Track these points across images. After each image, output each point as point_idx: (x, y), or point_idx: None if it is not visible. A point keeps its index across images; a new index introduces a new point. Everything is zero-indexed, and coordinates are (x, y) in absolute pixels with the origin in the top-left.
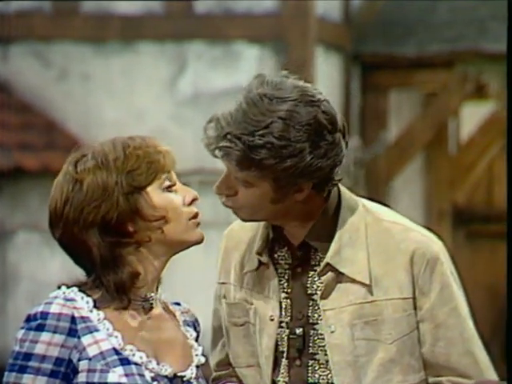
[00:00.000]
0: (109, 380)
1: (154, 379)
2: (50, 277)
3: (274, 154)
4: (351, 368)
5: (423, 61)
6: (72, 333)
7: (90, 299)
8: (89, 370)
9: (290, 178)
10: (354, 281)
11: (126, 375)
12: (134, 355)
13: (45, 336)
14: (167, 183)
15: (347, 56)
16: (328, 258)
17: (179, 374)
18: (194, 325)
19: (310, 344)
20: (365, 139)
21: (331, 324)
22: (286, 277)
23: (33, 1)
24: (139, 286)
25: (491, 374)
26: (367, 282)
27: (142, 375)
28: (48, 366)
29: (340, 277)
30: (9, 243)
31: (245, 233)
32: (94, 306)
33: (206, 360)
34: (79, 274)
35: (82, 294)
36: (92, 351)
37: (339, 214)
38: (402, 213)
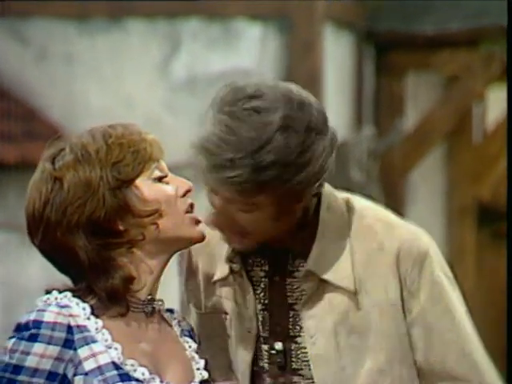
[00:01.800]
0: None
1: None
2: (29, 282)
3: (283, 171)
4: (337, 382)
5: (444, 39)
6: (68, 344)
7: (86, 305)
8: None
9: (297, 192)
10: (337, 287)
11: None
12: (135, 371)
13: (37, 347)
14: (157, 173)
15: (359, 35)
16: (310, 265)
17: None
18: (191, 334)
19: (293, 359)
20: (379, 128)
21: (313, 334)
22: (263, 285)
23: None
24: (137, 289)
25: (492, 375)
26: (352, 288)
27: None
28: (39, 381)
29: (323, 284)
30: None
31: (211, 234)
32: (92, 313)
33: (209, 375)
34: (63, 278)
35: (76, 300)
36: (89, 365)
37: (319, 213)
38: (421, 210)
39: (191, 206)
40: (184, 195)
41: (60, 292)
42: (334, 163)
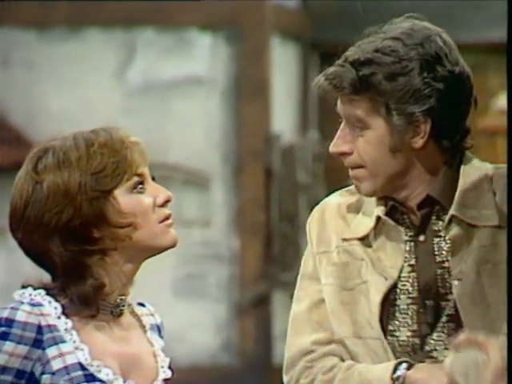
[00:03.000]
0: None
1: None
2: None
3: (383, 70)
4: (484, 320)
5: None
6: (37, 344)
7: (58, 305)
8: None
9: (403, 106)
10: (481, 227)
11: None
12: (100, 371)
13: (8, 346)
14: (136, 183)
15: (305, 45)
16: (453, 210)
17: None
18: (159, 329)
19: (441, 317)
20: (324, 133)
21: (459, 276)
22: (408, 248)
23: None
24: (107, 293)
25: None
26: (496, 224)
27: None
28: (7, 378)
29: (468, 229)
30: None
31: (343, 201)
32: (63, 313)
33: (172, 373)
34: (29, 275)
35: (49, 298)
36: (56, 365)
37: (459, 171)
38: None
39: (168, 216)
40: (162, 205)
41: (35, 289)
42: (282, 166)
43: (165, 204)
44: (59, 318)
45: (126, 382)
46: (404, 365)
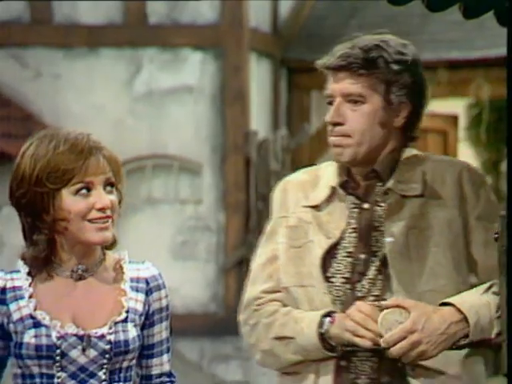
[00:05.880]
0: (24, 340)
1: (59, 338)
2: None
3: (388, 55)
4: (407, 272)
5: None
6: (1, 302)
7: (26, 268)
8: (15, 332)
9: (397, 87)
10: (411, 198)
11: (36, 336)
12: (44, 319)
13: None
14: (79, 188)
15: (276, 61)
16: (389, 184)
17: (90, 332)
18: (147, 281)
19: (370, 268)
20: (291, 130)
21: (390, 236)
22: (353, 214)
23: (12, 12)
24: (59, 263)
25: None
26: (419, 193)
27: (49, 336)
28: None
29: (400, 200)
30: None
31: (303, 178)
32: (29, 274)
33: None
34: None
35: (23, 264)
36: (16, 316)
37: (401, 153)
38: None
39: (102, 217)
40: (100, 209)
41: (22, 259)
42: (257, 156)
43: (101, 209)
44: (27, 279)
45: (66, 325)
46: (328, 319)
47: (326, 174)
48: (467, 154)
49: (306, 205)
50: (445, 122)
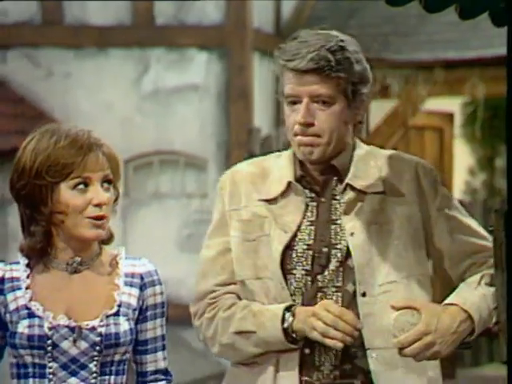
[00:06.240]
0: (18, 330)
1: (51, 329)
2: None
3: (352, 56)
4: (369, 264)
5: None
6: (0, 292)
7: (25, 260)
8: (10, 322)
9: (360, 86)
10: (369, 193)
11: (29, 326)
12: (38, 310)
13: None
14: (77, 183)
15: None
16: (348, 180)
17: (81, 324)
18: (142, 276)
19: (332, 261)
20: None
21: (352, 231)
22: (310, 207)
23: (24, 13)
24: (54, 256)
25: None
26: (381, 190)
27: (41, 326)
28: None
29: (359, 195)
30: (10, 209)
31: (251, 170)
32: (27, 265)
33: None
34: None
35: (22, 256)
36: (12, 306)
37: (354, 152)
38: None
39: (96, 216)
40: (96, 205)
41: (21, 250)
42: (261, 152)
43: (98, 205)
44: (25, 271)
45: (58, 316)
46: (288, 314)
47: (276, 167)
48: (463, 150)
49: (260, 198)
50: (441, 119)
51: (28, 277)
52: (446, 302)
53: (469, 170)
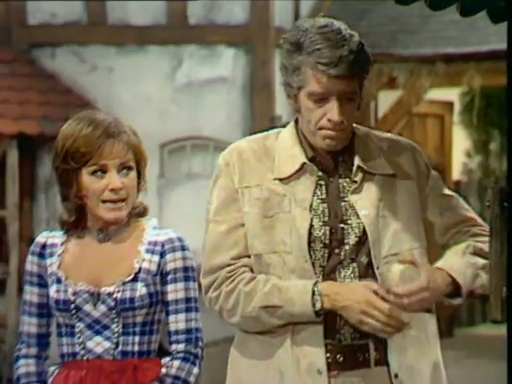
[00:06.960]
0: (50, 294)
1: (74, 294)
2: None
3: (366, 55)
4: (382, 239)
5: None
6: (41, 256)
7: (64, 230)
8: (47, 284)
9: (366, 81)
10: (377, 175)
11: (57, 291)
12: (63, 276)
13: (29, 257)
14: (95, 170)
15: None
16: (358, 162)
17: (100, 290)
18: (163, 244)
19: (350, 236)
20: None
21: (363, 207)
22: (320, 186)
23: (72, 15)
24: (85, 227)
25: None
26: (391, 172)
27: (66, 291)
28: (33, 280)
29: (366, 175)
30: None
31: (254, 148)
32: (65, 234)
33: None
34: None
35: (64, 227)
36: (50, 270)
37: (355, 135)
38: None
39: (114, 198)
40: (111, 190)
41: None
42: None
43: (113, 190)
44: (62, 239)
45: (78, 283)
46: (316, 294)
47: (281, 146)
48: (461, 135)
49: (275, 177)
50: (442, 107)
51: (62, 244)
52: (435, 266)
53: (466, 152)
